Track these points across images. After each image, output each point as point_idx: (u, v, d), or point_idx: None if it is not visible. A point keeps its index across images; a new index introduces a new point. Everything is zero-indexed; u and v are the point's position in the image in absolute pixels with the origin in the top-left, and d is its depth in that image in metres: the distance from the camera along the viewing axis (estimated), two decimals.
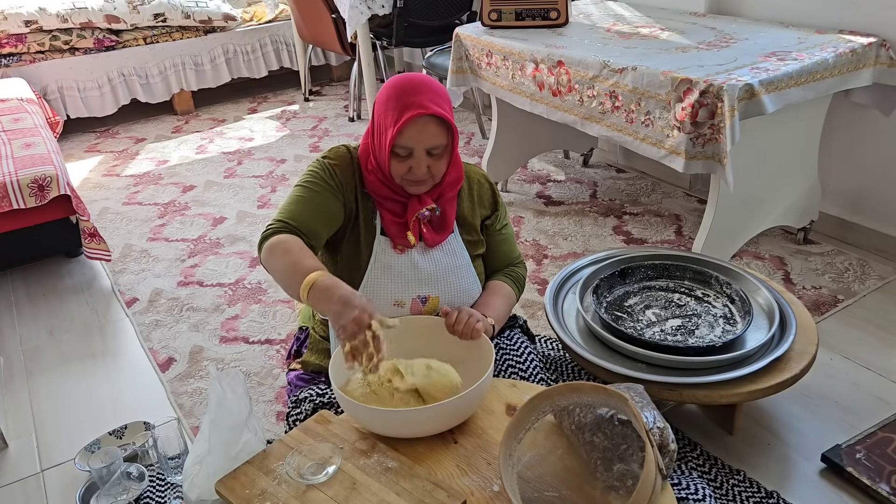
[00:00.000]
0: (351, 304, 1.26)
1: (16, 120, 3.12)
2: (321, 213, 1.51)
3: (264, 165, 3.61)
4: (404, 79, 1.48)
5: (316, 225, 1.50)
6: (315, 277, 1.31)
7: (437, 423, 1.31)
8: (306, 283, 1.31)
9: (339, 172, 1.54)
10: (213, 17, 4.39)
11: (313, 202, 1.51)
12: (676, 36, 2.45)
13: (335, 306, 1.27)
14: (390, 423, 1.31)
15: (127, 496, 1.63)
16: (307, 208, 1.50)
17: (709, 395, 1.54)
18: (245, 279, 2.59)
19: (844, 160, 2.52)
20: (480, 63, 2.75)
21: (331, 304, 1.28)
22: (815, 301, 2.22)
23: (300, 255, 1.38)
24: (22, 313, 2.48)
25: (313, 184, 1.52)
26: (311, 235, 1.48)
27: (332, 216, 1.53)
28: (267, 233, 1.46)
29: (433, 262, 1.57)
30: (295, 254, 1.38)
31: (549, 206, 2.98)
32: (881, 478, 1.55)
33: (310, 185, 1.52)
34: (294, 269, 1.35)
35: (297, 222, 1.47)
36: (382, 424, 1.31)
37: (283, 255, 1.39)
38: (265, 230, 1.47)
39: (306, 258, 1.38)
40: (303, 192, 1.52)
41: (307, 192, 1.52)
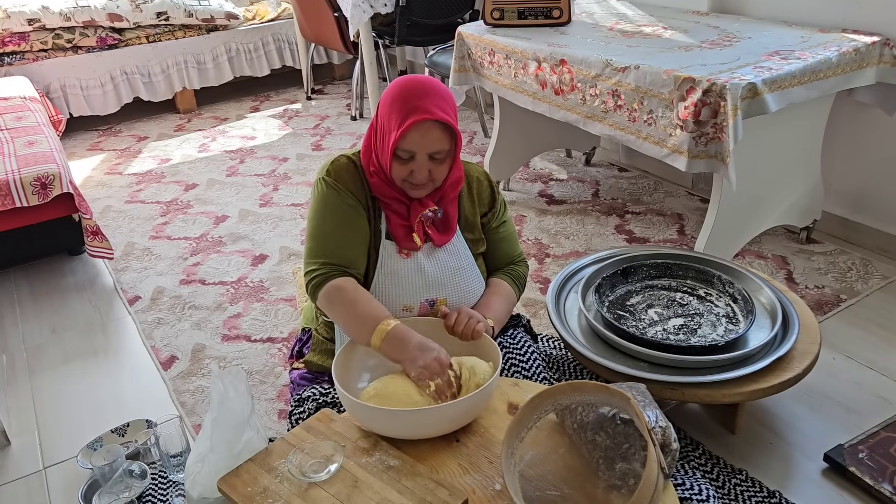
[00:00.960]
0: (428, 348, 1.37)
1: (19, 118, 3.12)
2: (355, 238, 1.53)
3: (266, 164, 3.61)
4: (410, 81, 1.47)
5: (356, 253, 1.53)
6: (386, 327, 1.39)
7: (441, 425, 1.31)
8: (379, 333, 1.39)
9: (350, 188, 1.54)
10: (215, 15, 4.39)
11: (343, 232, 1.52)
12: (679, 35, 2.44)
13: (413, 352, 1.36)
14: (394, 424, 1.30)
15: (129, 494, 1.63)
16: (340, 241, 1.51)
17: (711, 395, 1.54)
18: (247, 277, 2.59)
19: (847, 159, 2.51)
20: (483, 62, 2.75)
21: (407, 350, 1.37)
22: (818, 300, 2.22)
23: (365, 304, 1.45)
24: (24, 311, 2.49)
25: (333, 211, 1.52)
26: (356, 266, 1.52)
27: (364, 234, 1.55)
28: (316, 280, 1.49)
29: (439, 265, 1.57)
30: (359, 304, 1.45)
31: (552, 205, 2.98)
32: (884, 477, 1.55)
33: (331, 213, 1.52)
34: (362, 320, 1.42)
35: (341, 259, 1.50)
36: (386, 425, 1.31)
37: (345, 305, 1.46)
38: (312, 277, 1.49)
39: (371, 306, 1.45)
40: (329, 224, 1.52)
41: (334, 223, 1.52)
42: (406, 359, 1.36)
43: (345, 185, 1.53)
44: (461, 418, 1.32)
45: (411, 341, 1.37)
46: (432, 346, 1.37)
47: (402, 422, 1.29)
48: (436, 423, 1.30)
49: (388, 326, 1.39)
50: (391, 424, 1.30)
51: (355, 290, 1.47)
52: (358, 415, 1.33)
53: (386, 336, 1.38)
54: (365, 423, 1.34)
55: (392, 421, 1.29)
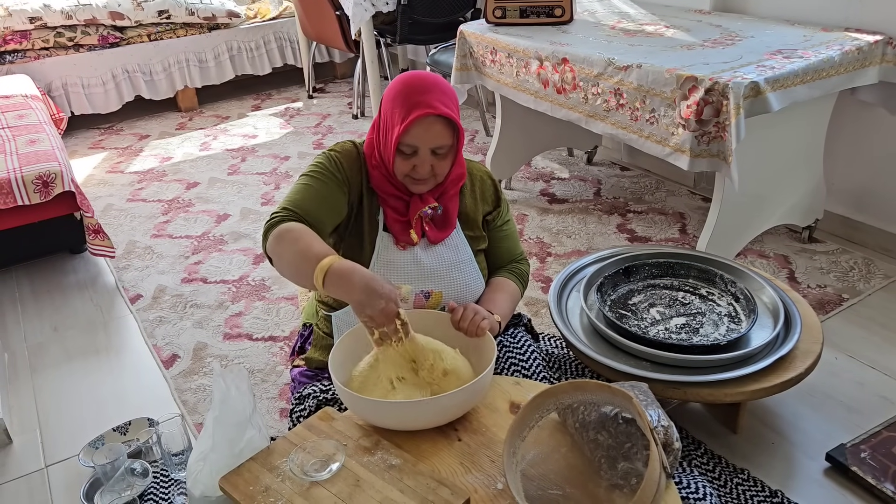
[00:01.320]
0: (376, 293, 1.25)
1: (20, 116, 3.12)
2: (327, 203, 1.49)
3: (268, 162, 3.61)
4: (414, 76, 1.47)
5: (322, 215, 1.47)
6: (329, 262, 1.27)
7: (437, 415, 1.31)
8: (320, 269, 1.27)
9: (345, 166, 1.54)
10: (217, 14, 4.39)
11: (319, 192, 1.49)
12: (681, 33, 2.44)
13: (358, 294, 1.25)
14: (390, 415, 1.30)
15: (131, 492, 1.63)
16: (313, 197, 1.48)
17: (713, 394, 1.54)
18: (249, 276, 2.59)
19: (850, 158, 2.51)
20: (484, 60, 2.75)
21: (352, 291, 1.25)
22: (820, 300, 2.22)
23: (310, 241, 1.34)
24: (26, 309, 2.49)
25: (320, 174, 1.51)
26: (317, 225, 1.45)
27: (337, 208, 1.52)
28: (272, 221, 1.42)
29: (436, 258, 1.57)
30: (305, 241, 1.34)
31: (553, 204, 2.98)
32: (886, 477, 1.55)
33: (316, 175, 1.51)
34: (305, 256, 1.31)
35: (303, 211, 1.44)
36: (382, 417, 1.31)
37: (291, 242, 1.35)
38: (270, 218, 1.44)
39: (317, 244, 1.34)
40: (309, 181, 1.50)
41: (314, 182, 1.50)
42: (352, 302, 1.27)
43: (342, 163, 1.54)
44: (456, 409, 1.32)
45: (356, 279, 1.25)
46: (379, 290, 1.25)
47: (395, 412, 1.30)
48: (429, 413, 1.30)
49: (328, 262, 1.27)
50: (384, 415, 1.31)
51: (304, 230, 1.37)
52: (353, 406, 1.33)
53: (328, 272, 1.27)
54: (360, 415, 1.34)
55: (384, 412, 1.30)
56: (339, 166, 1.53)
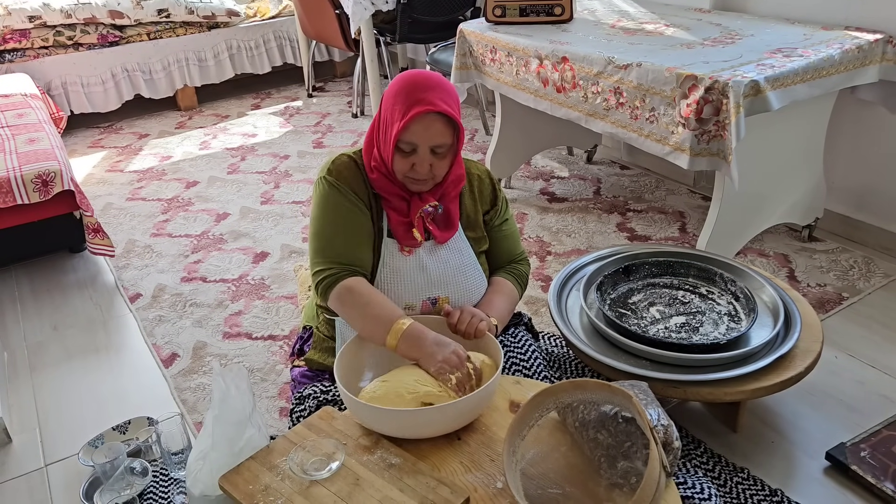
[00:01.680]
0: (445, 343, 1.37)
1: (20, 115, 3.12)
2: (360, 237, 1.53)
3: (267, 161, 3.61)
4: (415, 74, 1.47)
5: (363, 252, 1.53)
6: (402, 326, 1.40)
7: (443, 424, 1.30)
8: (395, 332, 1.39)
9: (351, 184, 1.54)
10: (216, 12, 4.38)
11: (349, 231, 1.52)
12: (681, 32, 2.44)
13: (430, 348, 1.37)
14: (396, 423, 1.30)
15: (130, 491, 1.63)
16: (348, 239, 1.52)
17: (713, 393, 1.54)
18: (248, 275, 2.59)
19: (850, 157, 2.51)
20: (484, 59, 2.75)
21: (425, 347, 1.37)
22: (820, 299, 2.22)
23: (377, 304, 1.45)
24: (26, 308, 2.49)
25: (336, 211, 1.52)
26: (363, 265, 1.52)
27: (368, 232, 1.55)
28: (327, 281, 1.49)
29: (441, 263, 1.57)
30: (373, 304, 1.45)
31: (553, 203, 2.98)
32: (886, 476, 1.55)
33: (333, 213, 1.52)
34: (377, 320, 1.43)
35: (348, 258, 1.50)
36: (388, 425, 1.31)
37: (358, 306, 1.46)
38: (321, 279, 1.49)
39: (385, 306, 1.45)
40: (332, 224, 1.52)
41: (337, 223, 1.52)
42: (424, 355, 1.37)
43: (346, 184, 1.53)
44: (463, 417, 1.32)
45: (427, 338, 1.38)
46: (448, 341, 1.38)
47: (404, 421, 1.29)
48: (438, 422, 1.30)
49: (403, 325, 1.39)
50: (392, 424, 1.30)
51: (367, 291, 1.47)
52: (359, 414, 1.33)
53: (403, 335, 1.38)
54: (366, 423, 1.33)
55: (393, 420, 1.29)
56: (346, 190, 1.53)
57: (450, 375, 1.33)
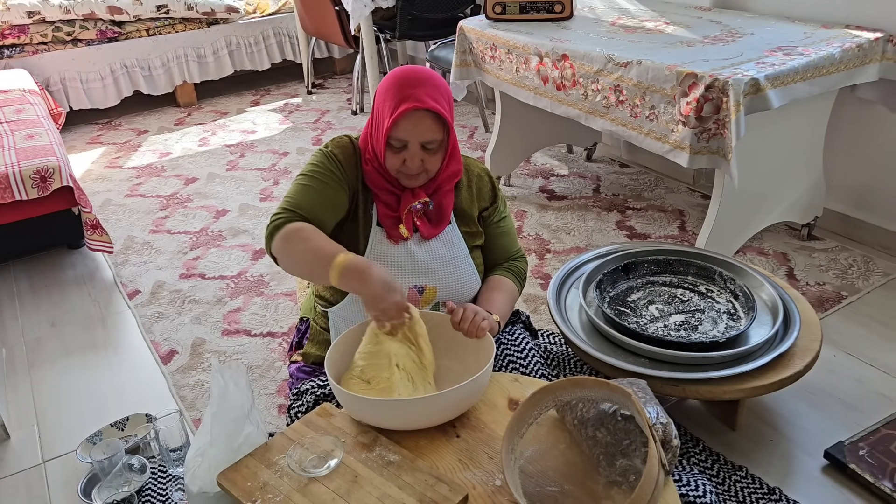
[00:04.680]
0: (391, 288, 1.31)
1: (18, 111, 3.12)
2: (328, 202, 1.51)
3: (267, 158, 3.60)
4: (406, 71, 1.47)
5: (323, 214, 1.49)
6: (344, 259, 1.33)
7: (434, 414, 1.30)
8: (337, 264, 1.33)
9: (343, 162, 1.54)
10: (216, 8, 4.38)
11: (320, 192, 1.50)
12: (681, 30, 2.43)
13: (374, 287, 1.30)
14: (387, 413, 1.30)
15: (129, 488, 1.63)
16: (315, 198, 1.49)
17: (712, 391, 1.54)
18: (247, 272, 2.58)
19: (849, 156, 2.51)
20: (484, 56, 2.74)
21: (369, 285, 1.31)
22: (819, 297, 2.22)
23: (320, 239, 1.40)
24: (24, 304, 2.48)
25: (320, 174, 1.52)
26: (319, 225, 1.47)
27: (338, 206, 1.53)
28: (277, 222, 1.45)
29: (430, 253, 1.57)
30: (315, 239, 1.40)
31: (552, 201, 2.97)
32: (884, 474, 1.55)
33: (316, 174, 1.52)
34: (317, 254, 1.37)
35: (305, 211, 1.47)
36: (379, 415, 1.31)
37: (301, 241, 1.40)
38: (274, 220, 1.46)
39: (327, 242, 1.40)
40: (309, 181, 1.51)
41: (314, 182, 1.51)
42: (368, 294, 1.32)
43: (338, 160, 1.54)
44: (453, 409, 1.32)
45: (373, 275, 1.31)
46: (393, 284, 1.32)
47: (391, 412, 1.29)
48: (427, 412, 1.30)
49: (346, 258, 1.33)
50: (381, 414, 1.30)
51: (313, 230, 1.42)
52: (349, 405, 1.33)
53: (345, 268, 1.32)
54: (356, 414, 1.34)
55: (382, 411, 1.29)
56: (337, 163, 1.53)
57: (385, 323, 1.33)
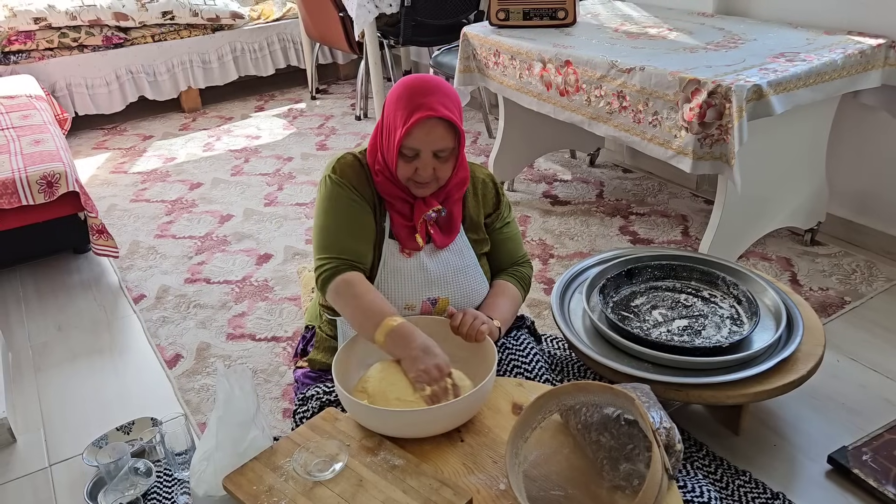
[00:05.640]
0: (431, 353, 1.36)
1: (25, 117, 3.13)
2: (362, 233, 1.54)
3: (271, 163, 3.62)
4: (416, 79, 1.48)
5: (364, 248, 1.53)
6: (392, 323, 1.39)
7: (438, 424, 1.31)
8: (384, 329, 1.39)
9: (355, 184, 1.55)
10: (220, 15, 4.40)
11: (353, 227, 1.53)
12: (684, 36, 2.44)
13: (415, 352, 1.36)
14: (393, 423, 1.31)
15: (134, 491, 1.63)
16: (350, 235, 1.52)
17: (715, 396, 1.54)
18: (252, 276, 2.60)
19: (852, 162, 2.51)
20: (488, 62, 2.75)
21: (410, 349, 1.36)
22: (822, 302, 2.22)
23: (371, 299, 1.45)
24: (30, 309, 2.50)
25: (339, 207, 1.53)
26: (363, 261, 1.53)
27: (370, 229, 1.56)
28: (325, 274, 1.50)
29: (441, 264, 1.58)
30: (366, 297, 1.45)
31: (556, 206, 2.98)
32: (887, 479, 1.55)
33: (336, 209, 1.53)
34: (368, 315, 1.43)
35: (349, 254, 1.51)
36: (385, 424, 1.32)
37: (352, 298, 1.46)
38: (321, 272, 1.51)
39: (378, 302, 1.45)
40: (334, 218, 1.53)
41: (339, 217, 1.53)
42: (407, 357, 1.36)
43: (350, 183, 1.54)
44: (457, 418, 1.33)
45: (415, 341, 1.37)
46: (436, 350, 1.36)
47: (397, 421, 1.30)
48: (432, 422, 1.31)
49: (393, 323, 1.39)
50: (387, 423, 1.31)
51: (363, 285, 1.48)
52: (355, 413, 1.34)
53: (390, 332, 1.38)
54: (362, 421, 1.34)
55: (388, 420, 1.30)
56: (349, 188, 1.54)
57: (426, 386, 1.33)
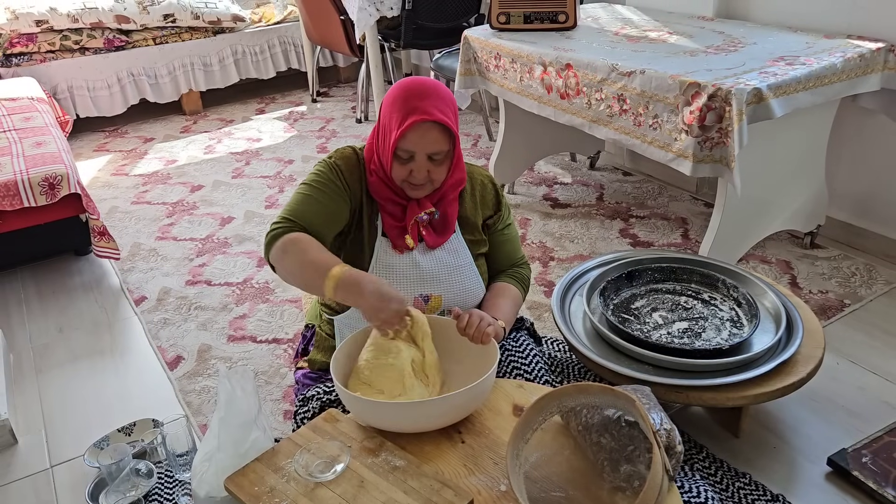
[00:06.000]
0: (387, 297, 1.33)
1: (27, 119, 3.14)
2: (327, 213, 1.52)
3: (272, 166, 3.63)
4: (412, 82, 1.49)
5: (322, 225, 1.51)
6: (339, 272, 1.35)
7: (438, 417, 1.32)
8: (331, 278, 1.35)
9: (345, 173, 1.55)
10: (222, 17, 4.41)
11: (320, 202, 1.52)
12: (685, 40, 2.45)
13: (370, 299, 1.32)
14: (390, 415, 1.31)
15: (136, 492, 1.64)
16: (314, 207, 1.51)
17: (715, 398, 1.55)
18: (253, 279, 2.60)
19: (852, 165, 2.52)
20: (488, 65, 2.76)
21: (363, 297, 1.33)
22: (822, 305, 2.23)
23: (317, 251, 1.42)
24: (32, 310, 2.50)
25: (320, 184, 1.53)
26: (318, 235, 1.49)
27: (338, 217, 1.54)
28: (275, 232, 1.47)
29: (435, 262, 1.58)
30: (312, 251, 1.41)
31: (556, 209, 2.99)
32: (887, 482, 1.56)
33: (317, 184, 1.53)
34: (314, 266, 1.39)
35: (304, 221, 1.48)
36: (382, 417, 1.32)
37: (298, 253, 1.42)
38: (272, 229, 1.48)
39: (323, 254, 1.41)
40: (309, 191, 1.53)
41: (314, 192, 1.52)
42: (365, 307, 1.34)
43: (342, 172, 1.55)
44: (457, 412, 1.33)
45: (366, 287, 1.33)
46: (388, 292, 1.34)
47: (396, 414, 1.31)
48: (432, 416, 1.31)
49: (339, 271, 1.35)
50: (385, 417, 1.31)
51: (310, 242, 1.43)
52: (354, 408, 1.34)
53: (339, 281, 1.34)
54: (360, 416, 1.35)
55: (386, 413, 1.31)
56: (338, 174, 1.55)
57: (389, 331, 1.36)
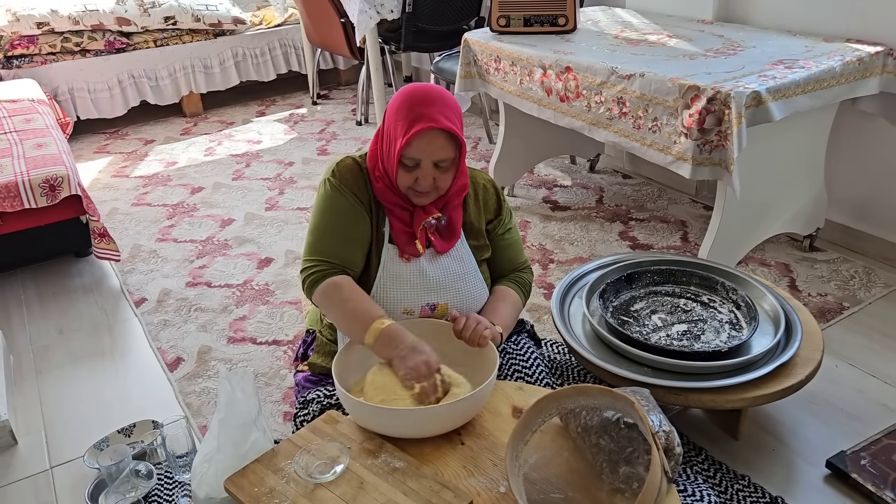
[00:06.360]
0: (419, 350, 1.37)
1: (27, 120, 3.15)
2: (355, 239, 1.55)
3: (272, 168, 3.63)
4: (416, 89, 1.49)
5: (355, 254, 1.54)
6: (380, 326, 1.41)
7: (438, 424, 1.32)
8: (373, 331, 1.40)
9: (354, 189, 1.56)
10: (222, 20, 4.42)
11: (346, 233, 1.54)
12: (684, 43, 2.46)
13: (403, 351, 1.37)
14: (392, 422, 1.32)
15: (135, 494, 1.64)
16: (342, 240, 1.53)
17: (714, 400, 1.55)
18: (253, 280, 2.60)
19: (851, 168, 2.53)
20: (488, 68, 2.77)
21: (398, 349, 1.38)
22: (821, 308, 2.23)
23: (359, 302, 1.47)
24: (32, 312, 2.50)
25: (339, 212, 1.54)
26: (352, 266, 1.53)
27: (364, 237, 1.56)
28: (313, 276, 1.50)
29: (441, 270, 1.58)
30: (354, 300, 1.47)
31: (556, 211, 2.99)
32: (886, 484, 1.56)
33: (335, 213, 1.54)
34: (355, 316, 1.45)
35: (339, 258, 1.52)
36: (384, 423, 1.33)
37: (341, 302, 1.48)
38: (310, 273, 1.51)
39: (366, 305, 1.47)
40: (329, 221, 1.54)
41: (336, 221, 1.54)
42: (396, 356, 1.37)
43: (349, 187, 1.55)
44: (457, 419, 1.34)
45: (404, 341, 1.39)
46: (423, 348, 1.38)
47: (397, 420, 1.31)
48: (432, 422, 1.31)
49: (382, 325, 1.40)
50: (387, 422, 1.32)
51: (351, 288, 1.49)
52: (355, 412, 1.35)
53: (380, 335, 1.40)
54: (362, 421, 1.35)
55: (388, 419, 1.31)
56: (348, 194, 1.55)
57: (414, 383, 1.34)
